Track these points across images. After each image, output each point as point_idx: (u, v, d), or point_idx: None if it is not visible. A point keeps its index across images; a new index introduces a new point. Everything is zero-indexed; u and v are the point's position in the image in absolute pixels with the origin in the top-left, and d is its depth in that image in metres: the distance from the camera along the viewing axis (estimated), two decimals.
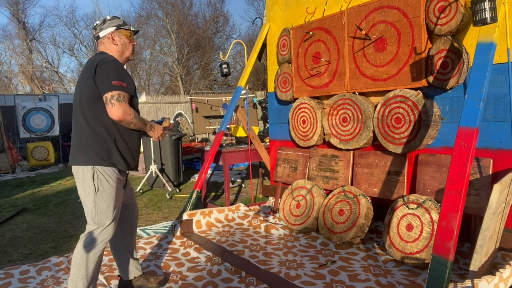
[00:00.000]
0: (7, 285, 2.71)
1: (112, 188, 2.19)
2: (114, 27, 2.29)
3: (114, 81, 2.09)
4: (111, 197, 2.19)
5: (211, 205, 4.76)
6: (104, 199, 2.18)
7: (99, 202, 2.17)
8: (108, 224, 2.20)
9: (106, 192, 2.18)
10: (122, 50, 2.33)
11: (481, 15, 2.36)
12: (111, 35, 2.29)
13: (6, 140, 9.55)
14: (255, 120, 12.98)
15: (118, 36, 2.31)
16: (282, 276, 2.73)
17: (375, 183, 3.39)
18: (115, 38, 2.30)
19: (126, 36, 2.34)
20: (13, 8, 23.20)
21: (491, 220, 2.16)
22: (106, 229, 2.20)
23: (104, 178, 2.17)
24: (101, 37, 2.30)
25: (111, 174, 2.19)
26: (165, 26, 23.38)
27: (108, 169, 2.19)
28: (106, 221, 2.19)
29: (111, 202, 2.20)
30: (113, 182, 2.20)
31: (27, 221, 4.68)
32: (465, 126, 2.29)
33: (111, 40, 2.29)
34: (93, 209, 2.17)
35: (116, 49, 2.31)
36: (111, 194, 2.19)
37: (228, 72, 4.92)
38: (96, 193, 2.16)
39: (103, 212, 2.18)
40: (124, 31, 2.33)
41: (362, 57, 3.44)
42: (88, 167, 2.15)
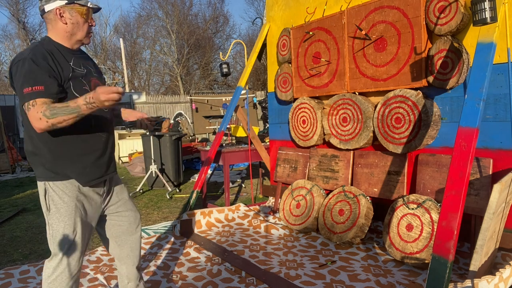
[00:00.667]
0: (7, 285, 2.71)
1: (68, 206, 1.79)
2: (65, 1, 1.80)
3: (26, 88, 1.66)
4: (67, 217, 1.79)
5: (211, 205, 4.76)
6: (58, 220, 1.78)
7: (54, 224, 1.79)
8: (68, 248, 1.78)
9: (60, 212, 1.78)
10: (72, 31, 1.83)
11: (481, 15, 2.36)
12: (59, 11, 1.79)
13: (6, 140, 9.55)
14: (255, 120, 12.99)
15: (69, 12, 1.81)
16: (282, 276, 2.73)
17: (375, 183, 3.39)
18: (64, 15, 1.80)
19: (80, 14, 1.83)
20: (13, 8, 23.21)
21: (491, 220, 2.16)
22: (67, 254, 1.78)
23: (56, 195, 1.79)
24: (47, 11, 1.81)
25: (67, 189, 1.80)
26: (165, 26, 23.39)
27: (61, 184, 1.79)
28: (64, 245, 1.78)
29: (68, 223, 1.79)
30: (69, 198, 1.79)
31: (27, 221, 4.68)
32: (465, 126, 2.29)
33: (58, 17, 1.80)
34: (48, 232, 1.81)
35: (64, 28, 1.82)
36: (67, 214, 1.79)
37: (228, 72, 4.92)
38: (49, 214, 1.79)
39: (58, 234, 1.78)
40: (79, 7, 1.83)
41: (362, 57, 3.44)
42: (40, 183, 1.82)
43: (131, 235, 2.11)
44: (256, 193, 5.73)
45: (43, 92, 1.67)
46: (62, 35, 1.84)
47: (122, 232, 2.09)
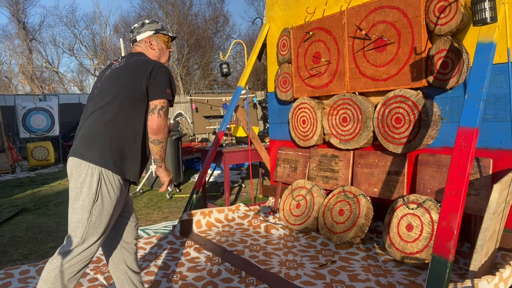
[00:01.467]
0: (7, 285, 2.71)
1: (112, 201, 1.89)
2: (153, 31, 2.20)
3: (168, 89, 2.00)
4: (107, 211, 1.88)
5: (211, 205, 4.76)
6: (100, 212, 1.86)
7: (95, 214, 1.85)
8: (95, 242, 1.87)
9: (104, 204, 1.87)
10: (159, 56, 2.22)
11: (481, 15, 2.36)
12: (149, 39, 2.20)
13: (6, 140, 9.55)
14: (255, 120, 12.98)
15: (156, 41, 2.21)
16: (282, 276, 2.73)
17: (375, 183, 3.39)
18: (153, 43, 2.20)
19: (163, 42, 2.24)
20: (13, 8, 23.21)
21: (491, 220, 2.16)
22: (91, 247, 1.87)
23: (107, 187, 1.87)
24: (138, 40, 2.21)
25: (115, 184, 1.91)
26: (165, 26, 23.37)
27: (115, 177, 1.90)
28: (94, 237, 1.86)
29: (106, 217, 1.88)
30: (114, 194, 1.90)
31: (27, 221, 4.68)
32: (465, 126, 2.29)
33: (148, 45, 2.20)
34: (85, 220, 1.84)
35: (153, 54, 2.20)
36: (108, 208, 1.88)
37: (228, 72, 4.92)
38: (94, 203, 1.84)
39: (94, 226, 1.85)
40: (162, 36, 2.24)
41: (362, 57, 3.44)
42: (96, 167, 1.85)
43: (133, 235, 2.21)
44: (256, 193, 5.73)
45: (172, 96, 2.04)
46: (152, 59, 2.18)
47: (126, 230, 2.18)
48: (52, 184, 7.54)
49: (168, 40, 2.27)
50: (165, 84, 2.00)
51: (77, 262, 1.84)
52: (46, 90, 22.50)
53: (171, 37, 2.31)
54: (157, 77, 1.99)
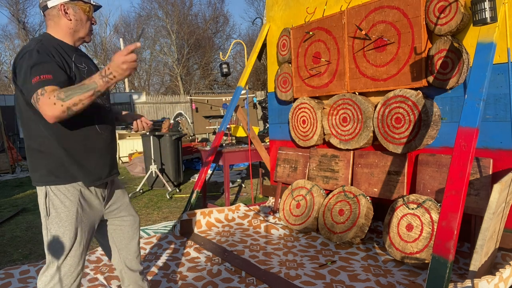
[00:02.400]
0: (7, 285, 2.71)
1: (69, 211, 1.73)
2: None
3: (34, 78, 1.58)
4: (67, 222, 1.72)
5: (211, 205, 4.76)
6: (58, 226, 1.71)
7: (52, 230, 1.72)
8: (66, 257, 1.72)
9: (60, 217, 1.71)
10: (75, 28, 1.82)
11: (481, 15, 2.36)
12: (64, 7, 1.78)
13: (6, 140, 9.55)
14: (255, 120, 12.98)
15: (73, 8, 1.80)
16: (282, 276, 2.73)
17: (375, 183, 3.39)
18: (69, 11, 1.79)
19: (84, 11, 1.83)
20: (13, 8, 23.22)
21: (491, 220, 2.16)
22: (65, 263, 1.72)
23: (57, 199, 1.73)
24: (49, 7, 1.79)
25: (68, 193, 1.74)
26: (165, 26, 23.39)
27: (64, 188, 1.74)
28: (62, 252, 1.72)
29: (68, 229, 1.72)
30: (71, 203, 1.74)
31: (27, 221, 4.68)
32: (465, 126, 2.29)
33: (62, 13, 1.78)
34: (46, 237, 1.73)
35: (67, 25, 1.80)
36: (67, 219, 1.73)
37: (228, 72, 4.92)
38: (47, 219, 1.72)
39: (57, 241, 1.72)
40: (82, 4, 1.82)
41: (362, 57, 3.44)
42: (41, 187, 1.75)
43: (132, 240, 2.09)
44: (256, 193, 5.73)
45: (52, 80, 1.60)
46: (65, 32, 1.81)
47: (124, 237, 2.06)
48: None
49: (89, 9, 1.87)
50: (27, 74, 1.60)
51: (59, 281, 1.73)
52: None
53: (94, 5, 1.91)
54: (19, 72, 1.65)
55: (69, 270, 1.74)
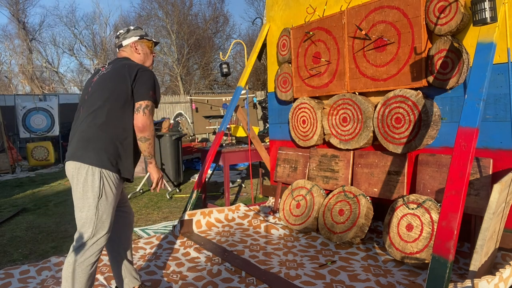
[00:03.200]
0: (7, 285, 2.71)
1: (114, 196, 2.08)
2: (137, 37, 2.34)
3: (152, 91, 2.14)
4: (111, 206, 2.07)
5: (211, 205, 4.76)
6: (105, 207, 2.05)
7: (101, 210, 2.03)
8: (104, 234, 2.06)
9: (108, 200, 2.05)
10: (143, 60, 2.36)
11: (481, 15, 2.36)
12: (134, 45, 2.34)
13: (6, 140, 9.55)
14: (255, 120, 12.98)
15: (141, 46, 2.35)
16: (282, 276, 2.73)
17: (375, 183, 3.39)
18: (138, 48, 2.34)
19: (147, 47, 2.38)
20: (13, 8, 23.21)
21: (491, 220, 2.16)
22: (101, 239, 2.06)
23: (108, 184, 2.05)
24: (124, 45, 2.35)
25: (115, 181, 2.09)
26: (165, 26, 23.39)
27: (114, 175, 2.08)
28: (103, 230, 2.05)
29: (111, 211, 2.08)
30: (115, 189, 2.09)
31: (27, 221, 4.68)
32: (465, 126, 2.29)
33: (134, 49, 2.34)
34: (93, 216, 2.01)
35: (138, 58, 2.34)
36: (111, 203, 2.08)
37: (228, 72, 4.92)
38: (99, 199, 2.02)
39: (102, 221, 2.04)
40: (146, 42, 2.38)
41: (362, 57, 3.44)
42: (96, 168, 2.01)
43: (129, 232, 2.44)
44: (256, 193, 5.73)
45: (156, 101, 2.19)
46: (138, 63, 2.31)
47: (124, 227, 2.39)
48: (52, 184, 7.54)
49: (151, 45, 2.42)
50: (149, 86, 2.13)
51: (89, 256, 2.02)
52: (46, 90, 22.52)
53: (154, 42, 2.45)
54: (141, 79, 2.13)
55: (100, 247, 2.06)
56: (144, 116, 2.10)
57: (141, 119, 2.10)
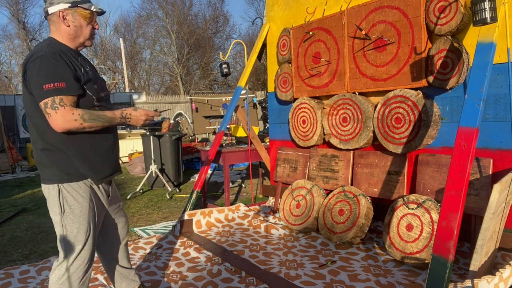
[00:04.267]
0: (7, 285, 2.71)
1: (82, 206, 1.84)
2: (68, 4, 1.84)
3: (46, 84, 1.68)
4: (81, 218, 1.84)
5: (211, 205, 4.76)
6: (73, 222, 1.83)
7: (68, 226, 1.82)
8: (80, 251, 1.85)
9: (74, 213, 1.83)
10: (75, 34, 1.87)
11: (481, 15, 2.36)
12: (62, 13, 1.83)
13: (6, 140, 9.55)
14: (255, 120, 12.98)
15: (72, 15, 1.85)
16: (282, 276, 2.73)
17: (375, 183, 3.39)
18: (67, 18, 1.84)
19: (83, 17, 1.87)
20: (13, 8, 23.21)
21: (491, 220, 2.16)
22: (79, 257, 1.85)
23: (71, 196, 1.82)
24: (50, 13, 1.84)
25: (80, 190, 1.85)
26: (165, 26, 23.39)
27: (75, 185, 1.84)
28: (77, 247, 1.84)
29: (82, 224, 1.85)
30: (83, 199, 1.85)
31: (27, 221, 4.68)
32: (465, 126, 2.29)
33: (61, 20, 1.83)
34: (61, 233, 1.83)
35: (67, 31, 1.85)
36: (81, 214, 1.84)
37: (228, 72, 4.92)
38: (62, 216, 1.82)
39: (72, 236, 1.83)
40: (82, 10, 1.87)
41: (362, 57, 3.44)
42: (51, 185, 1.83)
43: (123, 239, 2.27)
44: (256, 193, 5.73)
45: (65, 89, 1.71)
46: (66, 37, 1.88)
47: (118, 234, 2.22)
48: None
49: (90, 15, 1.90)
50: (39, 80, 1.69)
51: (74, 271, 1.86)
52: None
53: (96, 12, 1.94)
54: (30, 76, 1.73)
55: (83, 262, 1.87)
56: (51, 117, 1.69)
57: (51, 122, 1.71)
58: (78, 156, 1.84)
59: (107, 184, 2.02)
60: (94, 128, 1.81)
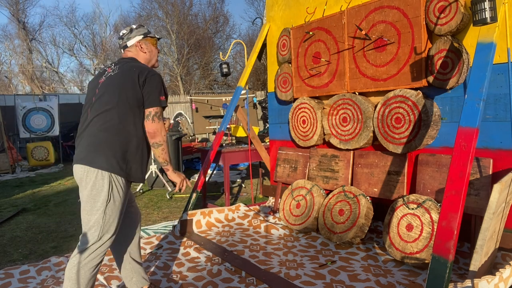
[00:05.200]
0: (7, 285, 2.71)
1: (121, 200, 2.10)
2: (141, 36, 2.33)
3: (161, 96, 2.16)
4: (118, 209, 2.08)
5: (211, 205, 4.76)
6: (113, 211, 2.06)
7: (108, 214, 2.04)
8: (110, 237, 2.07)
9: (116, 204, 2.07)
10: (150, 58, 2.37)
11: (481, 15, 2.36)
12: (139, 43, 2.33)
13: (6, 140, 9.55)
14: (255, 120, 12.98)
15: (146, 44, 2.35)
16: (282, 276, 2.73)
17: (375, 183, 3.39)
18: (143, 46, 2.34)
19: (152, 44, 2.38)
20: (13, 8, 23.21)
21: (491, 220, 2.16)
22: (107, 242, 2.07)
23: (117, 188, 2.06)
24: (129, 46, 2.33)
25: (123, 185, 2.10)
26: (165, 26, 23.38)
27: (122, 180, 2.09)
28: (109, 233, 2.06)
29: (118, 214, 2.09)
30: (123, 194, 2.11)
31: (27, 221, 4.68)
32: (465, 126, 2.29)
33: (139, 48, 2.33)
34: (100, 220, 2.02)
35: (144, 57, 2.34)
36: (119, 207, 2.09)
37: (228, 72, 4.92)
38: (107, 203, 2.03)
39: (109, 224, 2.05)
40: (150, 39, 2.37)
41: (362, 57, 3.44)
42: (105, 173, 2.02)
43: (137, 233, 2.42)
44: (256, 193, 5.73)
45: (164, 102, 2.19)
46: (144, 62, 2.34)
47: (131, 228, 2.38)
48: (52, 184, 7.54)
49: (155, 42, 2.42)
50: (158, 91, 2.14)
51: (94, 257, 2.04)
52: (46, 90, 22.51)
53: (158, 38, 2.45)
54: (150, 84, 2.13)
55: (105, 249, 2.08)
56: (154, 123, 2.13)
57: (151, 126, 2.13)
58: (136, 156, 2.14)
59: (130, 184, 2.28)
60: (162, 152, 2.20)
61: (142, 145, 2.18)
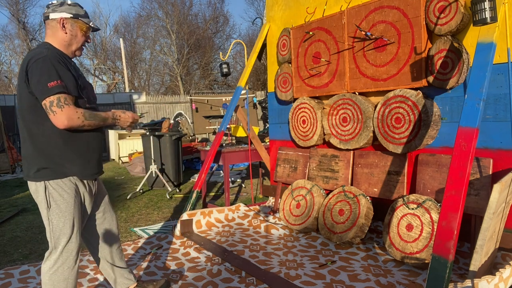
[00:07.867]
0: (7, 285, 2.71)
1: (67, 202, 1.95)
2: (71, 15, 1.99)
3: (50, 82, 1.80)
4: (67, 213, 1.95)
5: (211, 205, 4.76)
6: (59, 216, 1.94)
7: (54, 220, 1.94)
8: (66, 243, 1.96)
9: (60, 208, 1.94)
10: (69, 42, 2.01)
11: (481, 15, 2.36)
12: (63, 21, 1.98)
13: (6, 140, 9.54)
14: (255, 120, 12.98)
15: (71, 25, 2.00)
16: (282, 276, 2.73)
17: (375, 183, 3.39)
18: (66, 26, 1.99)
19: (80, 29, 2.03)
20: (13, 8, 23.21)
21: (491, 220, 2.16)
22: (66, 248, 1.97)
23: (56, 192, 1.93)
24: (50, 18, 1.98)
25: (65, 187, 1.95)
26: (165, 26, 23.39)
27: (60, 182, 1.95)
28: (64, 237, 1.95)
29: (68, 218, 1.96)
30: (68, 195, 1.95)
31: (27, 221, 4.68)
32: (465, 126, 2.29)
33: (60, 26, 1.98)
34: (48, 227, 1.96)
35: (62, 38, 1.99)
36: (67, 209, 1.95)
37: (228, 72, 4.92)
38: (49, 210, 1.94)
39: (58, 230, 1.95)
40: (81, 23, 2.03)
41: (362, 57, 3.44)
42: (39, 183, 1.93)
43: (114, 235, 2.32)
44: (256, 193, 5.73)
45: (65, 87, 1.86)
46: (61, 43, 2.02)
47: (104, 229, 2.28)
48: None
49: (87, 29, 2.07)
50: (44, 78, 1.80)
51: (62, 263, 1.97)
52: None
53: (93, 27, 2.11)
54: (32, 74, 1.82)
55: (71, 254, 1.99)
56: (56, 115, 1.81)
57: (54, 119, 1.83)
58: (68, 154, 1.96)
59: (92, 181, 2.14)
60: (92, 127, 1.97)
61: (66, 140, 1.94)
